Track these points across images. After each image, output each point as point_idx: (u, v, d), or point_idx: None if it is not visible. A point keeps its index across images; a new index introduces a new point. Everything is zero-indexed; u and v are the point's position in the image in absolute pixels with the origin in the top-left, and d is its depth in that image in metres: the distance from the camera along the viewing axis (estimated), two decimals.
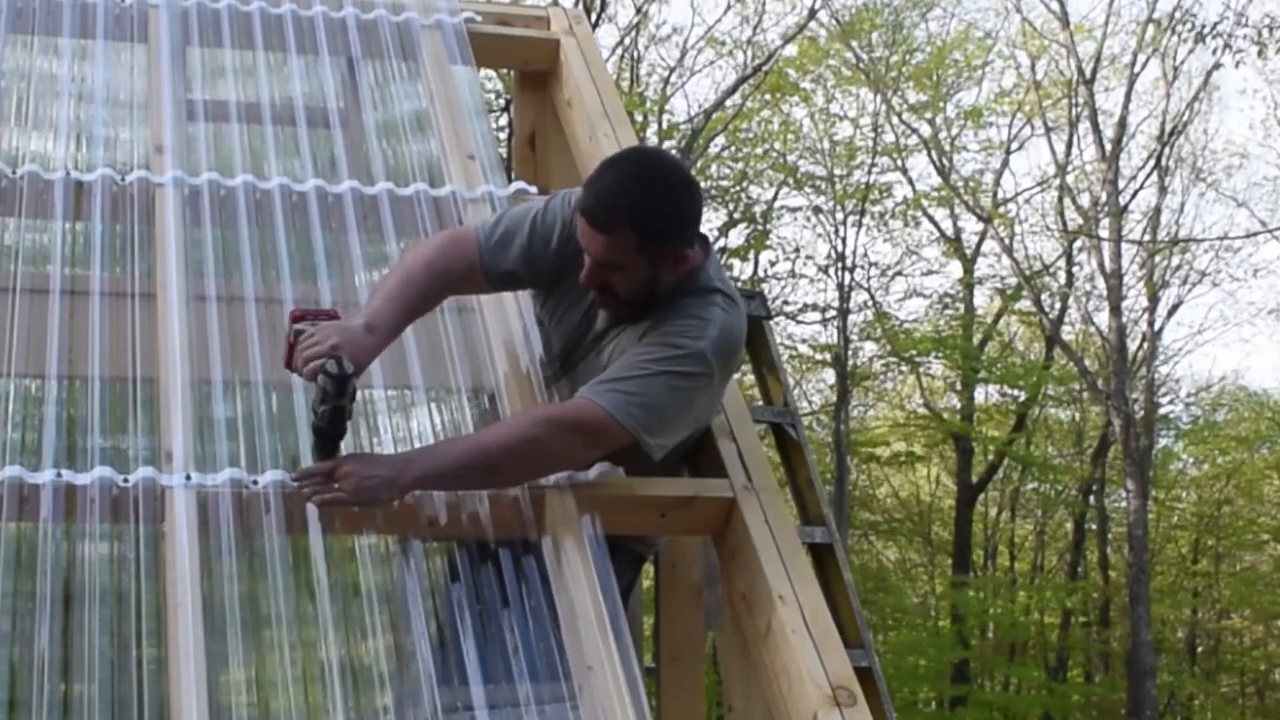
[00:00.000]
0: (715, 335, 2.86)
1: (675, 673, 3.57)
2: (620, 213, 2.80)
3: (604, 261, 2.83)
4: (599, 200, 2.83)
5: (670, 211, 2.87)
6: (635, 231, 2.80)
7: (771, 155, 20.62)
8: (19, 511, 2.59)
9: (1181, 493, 24.26)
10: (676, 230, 2.87)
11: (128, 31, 3.70)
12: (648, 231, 2.81)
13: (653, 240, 2.82)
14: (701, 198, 3.08)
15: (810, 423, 21.63)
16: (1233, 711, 24.11)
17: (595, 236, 2.81)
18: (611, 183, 2.87)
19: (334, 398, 2.62)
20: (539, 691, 2.62)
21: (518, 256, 2.98)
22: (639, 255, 2.82)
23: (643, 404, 2.78)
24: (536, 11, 4.27)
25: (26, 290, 3.00)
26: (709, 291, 2.92)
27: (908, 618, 22.56)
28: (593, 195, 2.85)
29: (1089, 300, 20.94)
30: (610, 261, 2.83)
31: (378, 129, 3.60)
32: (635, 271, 2.84)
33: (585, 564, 2.69)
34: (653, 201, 2.85)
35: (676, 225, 2.88)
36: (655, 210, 2.84)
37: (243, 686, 2.50)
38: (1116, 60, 19.99)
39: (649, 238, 2.81)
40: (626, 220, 2.80)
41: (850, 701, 2.56)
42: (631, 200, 2.82)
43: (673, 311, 2.89)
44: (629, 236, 2.80)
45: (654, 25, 19.56)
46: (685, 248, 2.89)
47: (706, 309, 2.89)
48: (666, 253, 2.85)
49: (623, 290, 2.88)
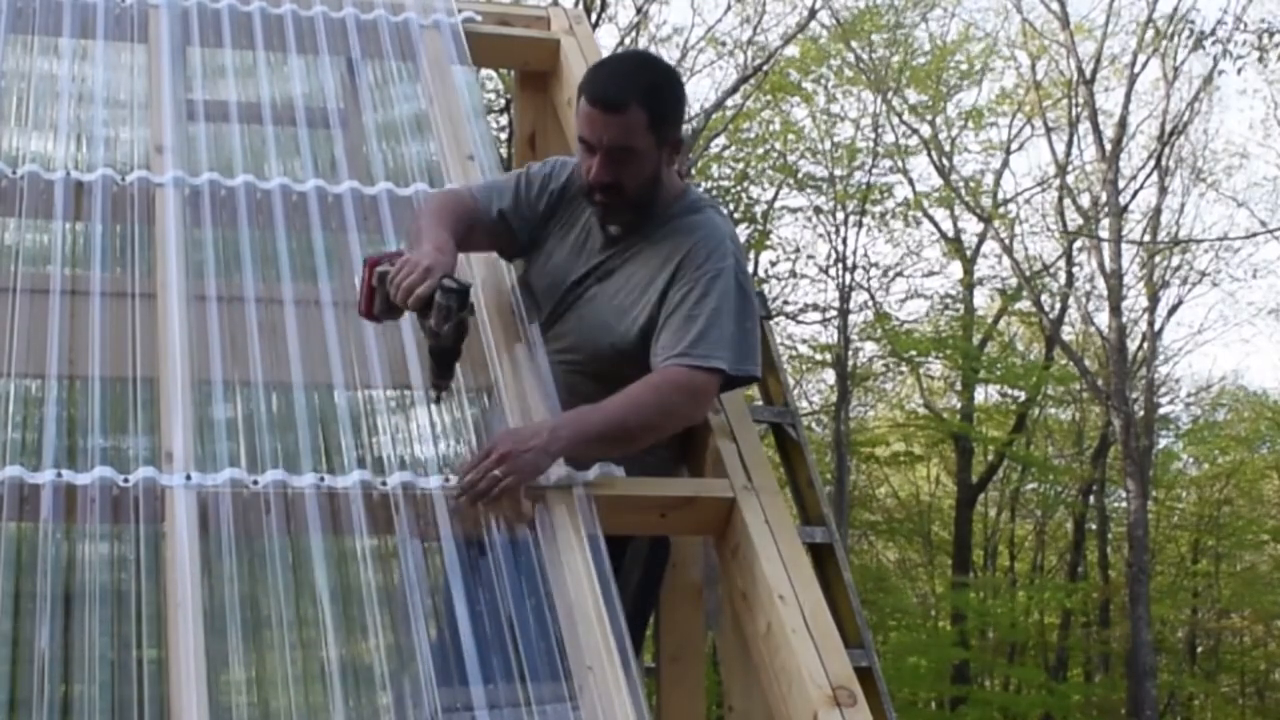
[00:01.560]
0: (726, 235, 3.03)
1: (675, 673, 3.57)
2: (633, 91, 2.94)
3: (617, 146, 2.95)
4: (610, 82, 2.99)
5: (675, 92, 3.08)
6: (646, 108, 2.93)
7: (772, 155, 20.63)
8: (19, 511, 2.59)
9: (1181, 493, 24.27)
10: (678, 112, 3.07)
11: (128, 31, 3.69)
12: (658, 107, 2.96)
13: (661, 118, 2.97)
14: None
15: (810, 423, 21.63)
16: (1233, 711, 24.11)
17: (609, 120, 2.94)
18: (617, 68, 3.10)
19: (458, 311, 2.77)
20: (539, 691, 2.61)
21: (508, 200, 3.15)
22: (648, 135, 2.94)
23: (731, 345, 2.91)
24: (536, 11, 4.27)
25: (26, 290, 3.00)
26: (698, 208, 3.09)
27: (908, 618, 22.56)
28: (601, 81, 3.00)
29: (1089, 300, 20.95)
30: (624, 145, 2.94)
31: (377, 129, 3.60)
32: (645, 158, 2.96)
33: (585, 563, 2.69)
34: (659, 82, 3.03)
35: (678, 107, 3.08)
36: (663, 89, 3.03)
37: (243, 686, 2.50)
38: (1116, 60, 20.00)
39: (658, 115, 2.96)
40: (639, 97, 2.93)
41: (850, 701, 2.56)
42: (642, 79, 2.99)
43: (673, 232, 3.02)
44: (640, 115, 2.93)
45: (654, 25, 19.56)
46: (679, 138, 3.06)
47: (705, 220, 3.05)
48: (669, 137, 3.00)
49: (631, 185, 2.98)
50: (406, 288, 2.78)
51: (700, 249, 2.98)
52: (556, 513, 2.77)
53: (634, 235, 3.07)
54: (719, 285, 2.94)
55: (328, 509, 2.68)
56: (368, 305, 2.89)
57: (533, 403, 2.96)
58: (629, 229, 3.06)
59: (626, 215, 3.04)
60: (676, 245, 3.01)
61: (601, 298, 3.05)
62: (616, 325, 3.02)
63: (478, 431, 2.95)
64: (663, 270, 3.00)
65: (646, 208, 3.04)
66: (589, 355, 3.06)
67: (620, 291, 3.04)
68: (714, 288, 2.94)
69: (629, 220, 3.05)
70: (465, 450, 2.92)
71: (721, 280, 2.95)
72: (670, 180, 3.08)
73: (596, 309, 3.06)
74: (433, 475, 2.78)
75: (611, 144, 2.94)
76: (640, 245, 3.05)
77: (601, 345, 3.04)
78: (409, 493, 2.73)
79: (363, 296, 2.90)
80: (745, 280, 3.03)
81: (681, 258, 2.99)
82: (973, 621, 20.98)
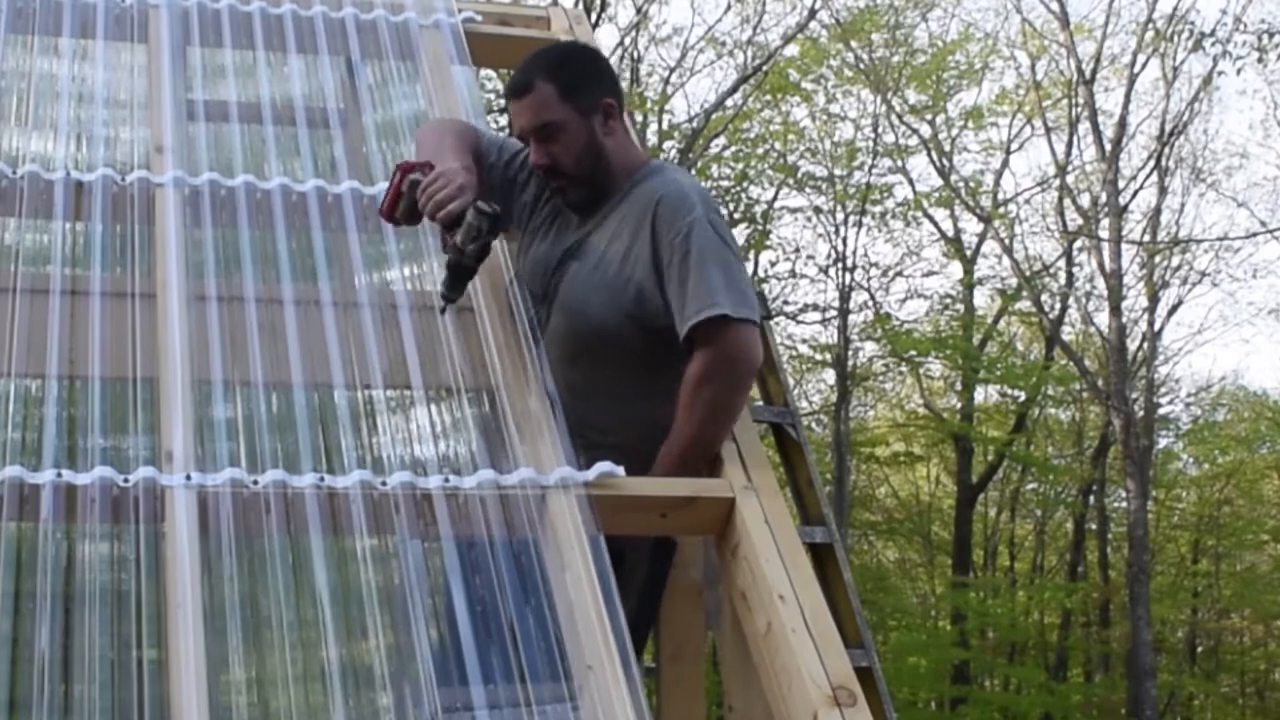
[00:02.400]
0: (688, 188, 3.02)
1: (675, 673, 3.57)
2: (535, 70, 3.03)
3: (537, 126, 3.01)
4: (517, 74, 3.09)
5: (578, 56, 3.14)
6: (550, 79, 3.00)
7: (772, 155, 20.62)
8: (19, 511, 2.59)
9: (1181, 493, 24.27)
10: (592, 75, 3.09)
11: (128, 31, 3.69)
12: (562, 77, 3.01)
13: (571, 86, 3.01)
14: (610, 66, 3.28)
15: (810, 423, 21.63)
16: (1233, 711, 24.11)
17: (520, 106, 3.03)
18: (523, 62, 3.12)
19: (487, 234, 2.86)
20: (539, 691, 2.61)
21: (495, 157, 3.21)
22: (564, 107, 2.99)
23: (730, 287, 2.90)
24: (536, 11, 4.27)
25: (26, 290, 2.99)
26: (658, 170, 3.11)
27: (908, 618, 22.56)
28: (512, 76, 3.10)
29: (1089, 300, 20.96)
30: (543, 123, 3.00)
31: (377, 129, 3.60)
32: (569, 129, 3.01)
33: (585, 564, 2.69)
34: (560, 56, 3.12)
35: (590, 69, 3.11)
36: (565, 59, 3.10)
37: (243, 686, 2.50)
38: (1116, 60, 20.01)
39: (567, 85, 3.01)
40: (539, 72, 3.02)
41: (850, 701, 2.56)
42: (542, 58, 3.08)
43: (637, 199, 3.04)
44: (547, 89, 3.00)
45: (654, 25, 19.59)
46: (607, 98, 3.06)
47: (664, 180, 3.05)
48: (591, 103, 3.03)
49: (566, 160, 3.03)
50: (439, 201, 2.86)
51: (665, 207, 2.99)
52: (556, 513, 2.77)
53: (600, 209, 3.10)
54: (700, 237, 2.95)
55: (328, 509, 2.67)
56: (390, 208, 2.98)
57: (533, 403, 2.96)
58: (591, 204, 3.09)
59: (581, 190, 3.08)
60: (643, 209, 3.02)
61: (580, 274, 3.08)
62: (601, 296, 3.04)
63: (478, 431, 2.95)
64: (639, 236, 3.02)
65: (598, 179, 3.07)
66: (578, 336, 3.07)
67: (599, 265, 3.06)
68: (695, 242, 2.94)
69: (586, 195, 3.09)
70: (465, 451, 2.92)
71: (700, 230, 2.95)
72: (626, 151, 3.11)
73: (577, 285, 3.08)
74: (433, 475, 2.77)
75: (531, 126, 3.02)
76: (607, 217, 3.09)
77: (588, 320, 3.05)
78: (409, 493, 2.73)
79: (387, 198, 2.99)
80: (719, 225, 3.02)
81: (652, 221, 3.00)
82: (973, 621, 20.99)
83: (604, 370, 3.04)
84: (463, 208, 2.86)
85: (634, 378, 3.02)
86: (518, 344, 3.08)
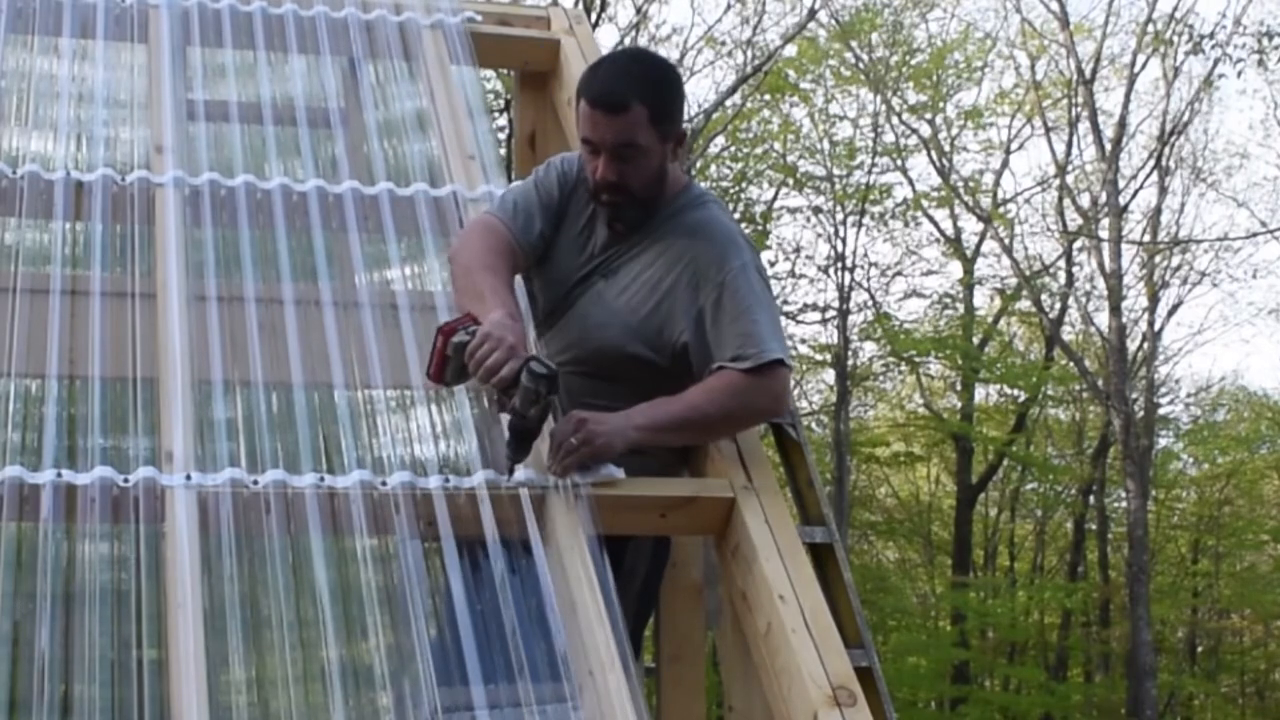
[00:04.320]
0: (735, 231, 3.06)
1: (675, 673, 3.57)
2: (634, 89, 2.94)
3: (621, 144, 2.94)
4: (610, 82, 2.97)
5: (675, 86, 3.07)
6: (647, 105, 2.94)
7: (771, 155, 20.63)
8: (19, 511, 2.59)
9: (1181, 493, 24.26)
10: (679, 106, 3.06)
11: (128, 31, 3.69)
12: (658, 103, 2.96)
13: (663, 113, 2.97)
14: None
15: (810, 423, 21.63)
16: (1233, 711, 24.11)
17: (611, 120, 2.93)
18: (615, 67, 3.05)
19: (546, 396, 2.72)
20: (540, 691, 2.61)
21: (542, 218, 3.10)
22: (651, 132, 2.95)
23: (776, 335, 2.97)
24: (537, 12, 4.27)
25: (26, 290, 2.99)
26: (702, 203, 3.09)
27: (908, 618, 22.55)
28: (599, 82, 2.98)
29: (1089, 300, 20.95)
30: (627, 142, 2.94)
31: (378, 129, 3.60)
32: (650, 154, 2.97)
33: (585, 564, 2.69)
34: (657, 78, 3.03)
35: (679, 101, 3.07)
36: (661, 84, 3.02)
37: (243, 686, 2.50)
38: (1116, 60, 20.01)
39: (660, 111, 2.96)
40: (639, 95, 2.94)
41: (850, 701, 2.56)
42: (641, 76, 2.99)
43: (680, 230, 3.03)
44: (641, 112, 2.93)
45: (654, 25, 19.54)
46: (682, 132, 3.06)
47: (711, 218, 3.06)
48: (671, 132, 3.00)
49: (637, 184, 2.99)
50: (490, 367, 2.71)
51: (716, 251, 2.99)
52: (556, 513, 2.77)
53: (638, 232, 3.07)
54: (745, 281, 2.97)
55: (328, 509, 2.68)
56: (438, 372, 2.83)
57: None
58: (634, 226, 3.06)
59: (634, 213, 3.04)
60: (687, 248, 3.01)
61: (607, 295, 3.05)
62: (624, 322, 3.03)
63: (478, 431, 2.95)
64: (673, 271, 3.01)
65: (653, 204, 3.04)
66: (591, 351, 3.06)
67: (628, 290, 3.04)
68: (742, 285, 2.96)
69: (636, 218, 3.05)
70: (465, 451, 2.92)
71: (746, 275, 2.98)
72: (674, 175, 3.09)
73: (602, 306, 3.06)
74: (433, 475, 2.77)
75: (615, 144, 2.94)
76: (645, 242, 3.05)
77: (605, 342, 3.04)
78: (409, 493, 2.73)
79: (433, 363, 2.83)
80: (763, 270, 3.08)
81: (698, 262, 2.99)
82: (973, 621, 20.98)
83: (602, 386, 3.02)
84: (514, 371, 2.70)
85: (630, 399, 3.00)
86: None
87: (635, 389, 2.97)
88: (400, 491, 2.72)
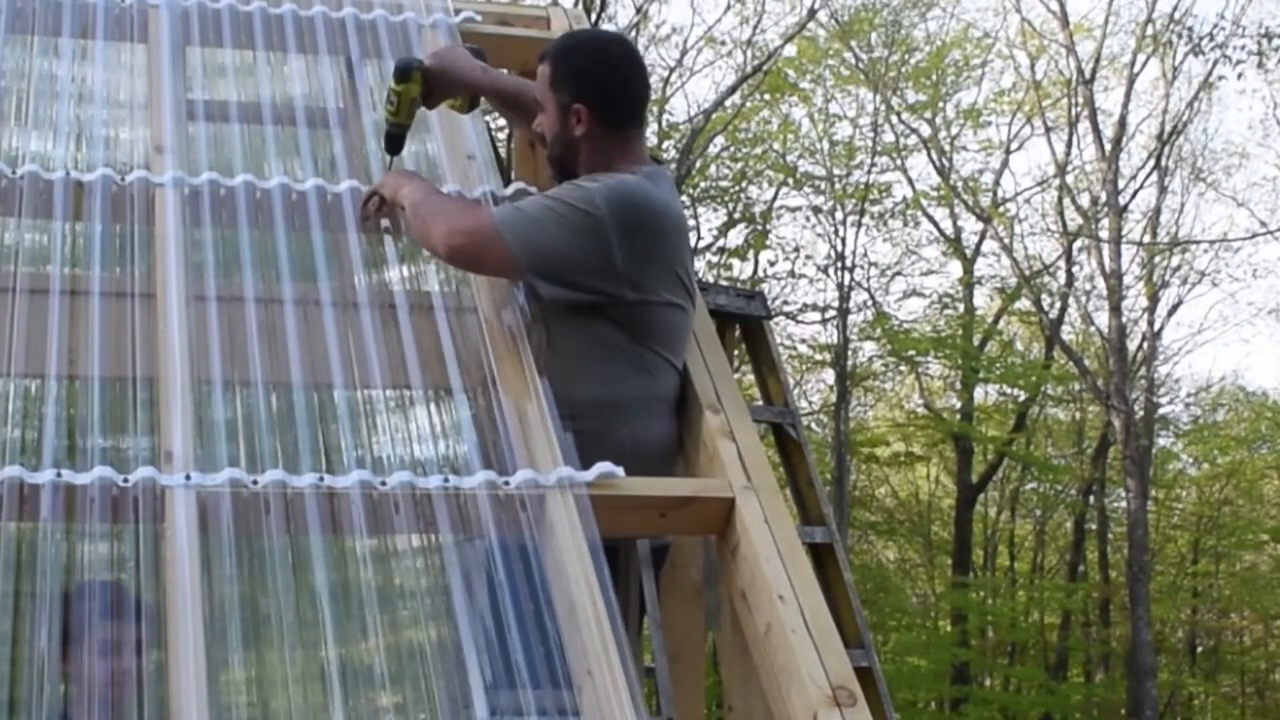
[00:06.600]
0: (606, 186, 3.00)
1: (675, 673, 3.57)
2: (549, 49, 3.18)
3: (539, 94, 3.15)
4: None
5: (583, 60, 3.15)
6: (550, 64, 3.12)
7: (771, 155, 20.64)
8: (19, 511, 2.59)
9: (1181, 493, 24.28)
10: (579, 80, 3.11)
11: (128, 31, 3.69)
12: (558, 66, 3.11)
13: (559, 75, 3.10)
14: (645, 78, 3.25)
15: (810, 423, 21.64)
16: (1233, 711, 24.13)
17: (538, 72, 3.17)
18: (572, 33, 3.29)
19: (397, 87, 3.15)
20: (540, 698, 2.61)
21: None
22: (548, 91, 3.11)
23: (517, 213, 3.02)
24: (536, 11, 4.27)
25: (26, 290, 2.99)
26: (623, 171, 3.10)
27: (908, 618, 22.57)
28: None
29: (1089, 300, 20.97)
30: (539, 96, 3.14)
31: (377, 129, 3.59)
32: (550, 114, 3.12)
33: (583, 565, 2.69)
34: (569, 45, 3.20)
35: (584, 74, 3.12)
36: (571, 52, 3.16)
37: (243, 687, 2.50)
38: (1116, 60, 20.02)
39: (557, 72, 3.10)
40: (550, 54, 3.15)
41: (850, 701, 2.56)
42: (562, 41, 3.23)
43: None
44: (544, 69, 3.13)
45: (654, 25, 19.58)
46: (578, 104, 3.07)
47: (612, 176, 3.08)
48: (568, 100, 3.09)
49: (546, 136, 3.15)
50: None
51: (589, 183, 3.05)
52: (555, 514, 2.77)
53: None
54: (563, 196, 3.01)
55: (327, 509, 2.67)
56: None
57: (531, 404, 2.96)
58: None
59: (554, 169, 3.16)
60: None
61: None
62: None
63: (477, 432, 2.95)
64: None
65: (569, 169, 3.11)
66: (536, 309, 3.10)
67: None
68: (556, 193, 3.03)
69: (556, 176, 3.15)
70: (465, 451, 2.92)
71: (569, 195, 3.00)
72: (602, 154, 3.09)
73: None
74: (433, 475, 2.77)
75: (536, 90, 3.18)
76: None
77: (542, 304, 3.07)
78: (408, 493, 2.73)
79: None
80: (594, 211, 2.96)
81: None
82: (973, 621, 21.00)
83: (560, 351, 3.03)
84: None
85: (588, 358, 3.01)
86: (516, 344, 3.08)
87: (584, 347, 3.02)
88: (400, 492, 2.72)
